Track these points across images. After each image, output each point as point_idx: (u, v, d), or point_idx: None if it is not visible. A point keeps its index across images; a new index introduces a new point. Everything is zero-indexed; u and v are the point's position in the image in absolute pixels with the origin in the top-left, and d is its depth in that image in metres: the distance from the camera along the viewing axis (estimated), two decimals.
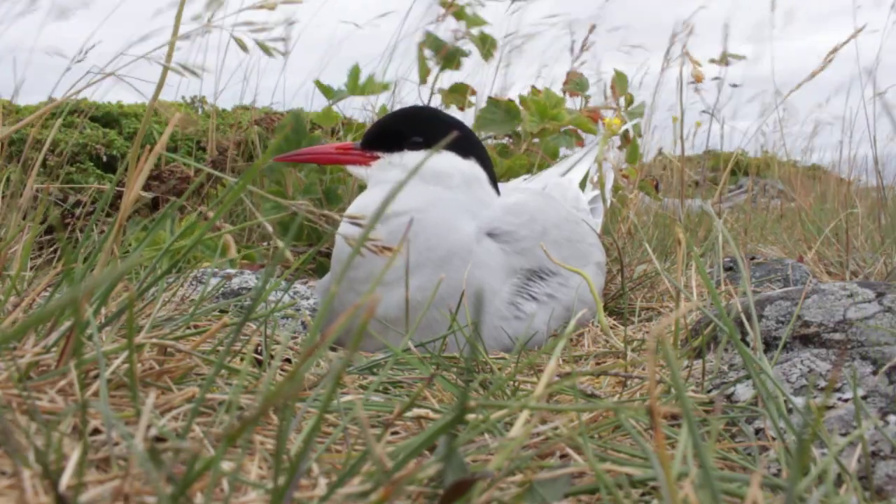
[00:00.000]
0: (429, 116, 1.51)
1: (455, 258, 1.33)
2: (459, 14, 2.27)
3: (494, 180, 1.50)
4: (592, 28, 2.67)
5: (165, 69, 0.87)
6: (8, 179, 1.68)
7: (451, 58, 2.30)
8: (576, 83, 2.46)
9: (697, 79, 2.25)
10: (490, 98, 2.28)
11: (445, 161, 1.40)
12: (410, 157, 1.40)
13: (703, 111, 3.04)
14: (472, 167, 1.43)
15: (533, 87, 2.32)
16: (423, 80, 2.36)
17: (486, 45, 2.34)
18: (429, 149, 1.39)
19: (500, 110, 2.22)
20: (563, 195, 1.76)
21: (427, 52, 2.32)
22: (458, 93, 2.38)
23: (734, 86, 3.19)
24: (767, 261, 2.00)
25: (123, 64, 1.00)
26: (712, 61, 2.78)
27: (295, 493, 0.54)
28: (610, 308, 1.72)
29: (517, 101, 2.26)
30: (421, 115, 1.50)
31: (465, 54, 2.33)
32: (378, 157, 1.43)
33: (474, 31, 2.31)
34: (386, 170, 1.41)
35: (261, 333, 0.99)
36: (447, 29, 2.34)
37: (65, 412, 0.62)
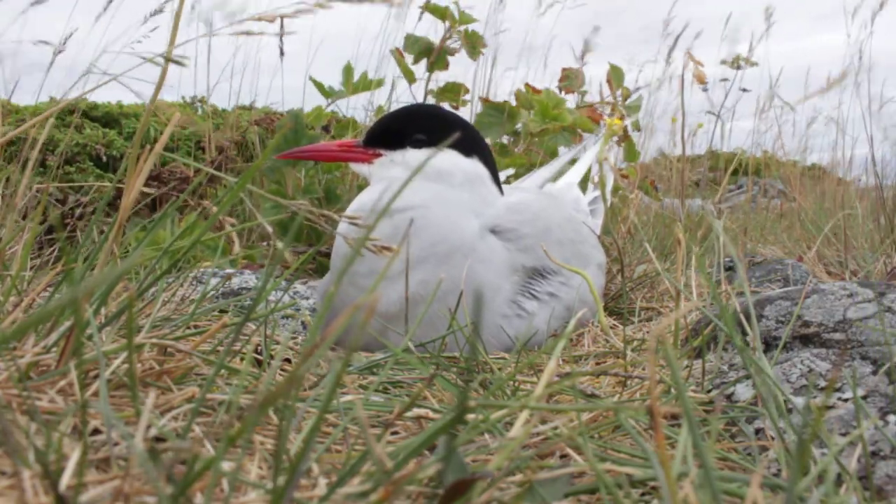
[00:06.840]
0: (431, 114, 1.50)
1: (458, 254, 1.32)
2: (441, 14, 2.26)
3: (497, 178, 1.50)
4: (595, 29, 2.67)
5: (165, 68, 0.86)
6: (7, 180, 1.68)
7: (438, 59, 2.29)
8: (570, 79, 2.45)
9: (699, 80, 2.24)
10: (488, 101, 2.27)
11: (448, 159, 1.40)
12: (413, 155, 1.39)
13: (709, 111, 3.04)
14: (474, 165, 1.43)
15: (528, 84, 2.32)
16: (411, 81, 2.36)
17: (474, 44, 2.32)
18: (431, 147, 1.38)
19: (499, 112, 2.22)
20: (564, 196, 1.76)
21: (408, 57, 2.31)
22: (452, 92, 2.37)
23: (744, 90, 3.18)
24: (767, 261, 2.00)
25: (128, 67, 0.99)
26: (724, 62, 2.77)
27: (295, 493, 0.54)
28: (610, 308, 1.72)
29: (511, 100, 2.25)
30: (423, 113, 1.48)
31: (452, 52, 2.32)
32: (380, 155, 1.42)
33: (461, 28, 2.30)
34: (388, 167, 1.41)
35: (261, 333, 0.98)
36: (431, 28, 2.33)
37: (65, 412, 0.62)
